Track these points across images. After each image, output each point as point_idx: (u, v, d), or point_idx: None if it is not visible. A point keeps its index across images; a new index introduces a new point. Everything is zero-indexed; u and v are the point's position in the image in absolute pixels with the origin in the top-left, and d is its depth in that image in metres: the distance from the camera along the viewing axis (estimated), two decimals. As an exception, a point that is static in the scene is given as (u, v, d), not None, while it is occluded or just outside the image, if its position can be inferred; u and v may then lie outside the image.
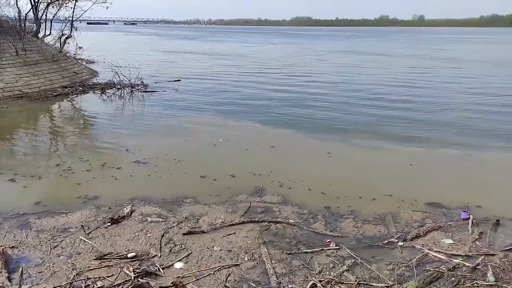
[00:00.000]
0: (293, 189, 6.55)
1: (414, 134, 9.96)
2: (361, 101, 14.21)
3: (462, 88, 16.80)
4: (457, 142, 9.20)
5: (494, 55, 35.41)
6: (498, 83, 18.49)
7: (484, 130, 10.30)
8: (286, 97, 14.93)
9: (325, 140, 9.49)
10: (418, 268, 4.24)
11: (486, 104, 13.66)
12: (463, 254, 4.52)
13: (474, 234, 4.98)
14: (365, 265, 4.35)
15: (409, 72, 22.60)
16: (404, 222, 5.39)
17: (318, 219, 5.50)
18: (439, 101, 14.11)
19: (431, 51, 39.46)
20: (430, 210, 5.76)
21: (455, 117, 11.72)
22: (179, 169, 7.39)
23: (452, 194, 6.29)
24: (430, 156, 8.43)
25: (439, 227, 5.17)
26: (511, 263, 4.27)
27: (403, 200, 6.09)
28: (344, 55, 35.24)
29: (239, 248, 4.70)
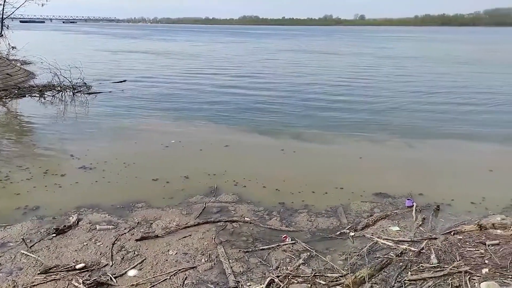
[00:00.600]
0: (248, 187, 6.57)
1: (363, 129, 10.38)
2: (311, 98, 14.55)
3: (405, 85, 17.72)
4: (401, 136, 9.73)
5: (430, 52, 37.88)
6: (436, 79, 19.82)
7: (424, 124, 10.96)
8: (239, 96, 14.95)
9: (278, 138, 9.63)
10: (369, 256, 4.45)
11: (427, 100, 14.51)
12: (409, 240, 4.81)
13: (418, 220, 5.32)
14: (320, 257, 4.48)
15: (356, 70, 23.53)
16: (354, 213, 5.63)
17: (273, 215, 5.56)
18: (384, 97, 14.79)
19: (375, 50, 41.42)
20: (377, 200, 6.06)
21: (399, 113, 12.34)
22: (129, 173, 7.11)
23: (397, 184, 6.65)
24: (377, 150, 8.86)
25: (386, 216, 5.47)
26: (451, 245, 4.61)
27: (353, 192, 6.35)
28: (294, 54, 35.91)
29: (195, 250, 4.62)
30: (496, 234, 4.78)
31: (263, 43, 53.05)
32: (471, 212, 5.60)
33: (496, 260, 4.21)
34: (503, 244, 4.52)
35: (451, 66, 25.21)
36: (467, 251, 4.45)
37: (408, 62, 27.85)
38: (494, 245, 4.51)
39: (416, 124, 10.93)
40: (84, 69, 16.44)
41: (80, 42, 51.82)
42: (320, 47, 45.15)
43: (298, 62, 27.86)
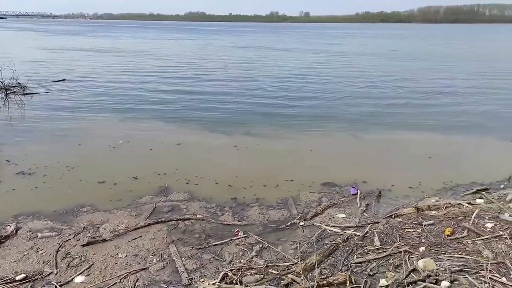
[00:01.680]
0: (200, 185, 6.54)
1: (313, 123, 10.68)
2: (263, 95, 14.64)
3: (352, 80, 18.41)
4: (348, 128, 10.18)
5: (374, 48, 39.86)
6: (380, 75, 20.85)
7: (370, 117, 11.50)
8: (190, 95, 14.66)
9: (231, 135, 9.64)
10: (318, 243, 4.64)
11: (373, 94, 15.26)
12: (354, 225, 5.08)
13: (362, 206, 5.63)
14: (272, 248, 4.59)
15: (305, 66, 24.07)
16: (304, 204, 5.82)
17: (225, 211, 5.60)
18: (332, 92, 15.25)
19: (322, 46, 42.66)
20: (325, 189, 6.32)
21: (347, 107, 12.78)
22: (73, 176, 6.76)
23: (343, 173, 6.97)
24: (327, 142, 9.19)
25: (333, 204, 5.72)
26: (392, 227, 4.94)
27: (302, 183, 6.56)
28: (244, 51, 35.93)
29: (146, 251, 4.53)
30: (431, 215, 5.20)
31: (213, 40, 52.61)
32: (409, 196, 6.04)
33: (432, 238, 4.58)
34: (437, 223, 4.93)
35: (393, 61, 26.67)
36: (406, 232, 4.79)
37: (355, 58, 29.04)
38: (430, 225, 4.90)
39: (362, 117, 11.45)
40: (19, 68, 15.24)
41: (13, 39, 47.99)
42: (270, 44, 45.67)
43: (248, 59, 27.87)
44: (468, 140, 9.17)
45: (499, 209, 5.21)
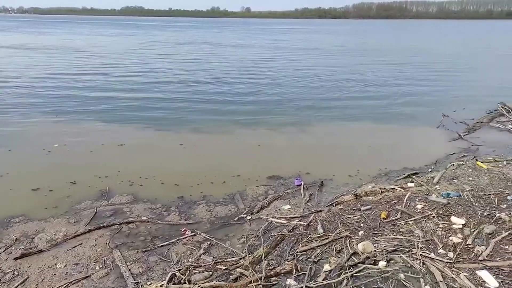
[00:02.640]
0: (145, 186, 6.36)
1: (260, 118, 10.78)
2: (210, 92, 14.41)
3: (297, 75, 18.69)
4: (294, 122, 10.41)
5: (318, 44, 41.02)
6: (325, 70, 21.54)
7: (313, 110, 11.85)
8: (131, 93, 14.08)
9: (177, 133, 9.43)
10: (265, 236, 4.75)
11: (317, 90, 15.78)
12: (299, 215, 5.26)
13: (305, 197, 5.84)
14: (220, 244, 4.61)
15: (250, 61, 24.01)
16: (251, 198, 5.91)
17: (172, 210, 5.51)
18: (279, 87, 15.44)
19: (268, 42, 42.85)
20: (271, 183, 6.46)
21: (294, 102, 12.94)
22: (1, 185, 6.23)
23: (288, 166, 7.16)
24: (274, 136, 9.31)
25: (279, 196, 5.88)
26: (333, 215, 5.18)
27: (249, 178, 6.65)
28: (188, 47, 35.00)
29: (88, 258, 4.32)
30: (368, 201, 5.54)
31: (154, 36, 50.74)
32: (349, 184, 6.37)
33: (369, 222, 4.89)
34: (374, 208, 5.26)
35: (335, 56, 27.68)
36: (347, 218, 5.06)
37: (299, 53, 29.53)
38: (367, 210, 5.22)
39: (307, 111, 11.72)
40: None
41: None
42: (215, 39, 45.14)
43: (193, 55, 27.25)
44: (401, 129, 9.84)
45: (428, 191, 5.69)
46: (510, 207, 5.00)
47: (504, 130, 9.33)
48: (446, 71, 19.78)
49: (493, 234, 4.40)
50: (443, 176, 6.31)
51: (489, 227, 4.51)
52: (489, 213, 4.88)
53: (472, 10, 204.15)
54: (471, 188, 5.69)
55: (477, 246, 4.19)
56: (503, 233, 4.39)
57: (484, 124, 9.75)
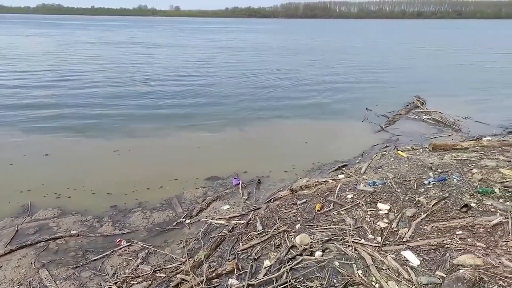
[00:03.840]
0: (74, 197, 5.95)
1: (198, 119, 10.56)
2: (144, 95, 13.69)
3: (234, 75, 18.58)
4: (232, 122, 10.37)
5: (250, 43, 41.35)
6: (262, 69, 21.78)
7: (252, 110, 11.86)
8: (59, 98, 12.89)
9: (110, 139, 8.90)
10: (205, 238, 4.72)
11: (255, 88, 15.90)
12: (238, 214, 5.31)
13: (244, 195, 5.92)
14: (158, 251, 4.49)
15: (188, 62, 23.20)
16: (189, 201, 5.82)
17: (104, 221, 5.23)
18: (217, 87, 15.25)
19: (204, 41, 42.03)
20: (209, 184, 6.43)
21: (231, 100, 12.99)
22: None
23: (226, 166, 7.16)
24: (211, 137, 9.20)
25: (218, 197, 5.87)
26: (271, 211, 5.31)
27: (187, 181, 6.54)
28: (119, 47, 32.58)
29: (10, 282, 3.94)
30: (303, 194, 5.77)
31: (79, 36, 46.98)
32: (285, 179, 6.58)
33: (305, 215, 5.10)
34: (309, 201, 5.50)
35: (271, 56, 28.15)
36: (284, 213, 5.22)
37: (236, 53, 29.34)
38: (303, 203, 5.43)
39: (245, 110, 11.73)
40: None
41: None
42: (146, 39, 43.20)
43: (125, 57, 25.63)
44: (331, 125, 10.37)
45: (356, 181, 6.08)
46: (427, 191, 5.54)
47: (419, 121, 10.30)
48: (370, 68, 21.23)
49: (413, 216, 4.85)
50: (369, 166, 6.80)
51: (410, 211, 4.96)
52: (410, 197, 5.36)
53: (388, 11, 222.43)
54: (394, 175, 6.20)
55: (400, 229, 4.59)
56: (422, 215, 4.85)
57: (402, 116, 10.67)
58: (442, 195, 5.30)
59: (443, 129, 9.51)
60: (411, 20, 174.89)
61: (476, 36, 54.99)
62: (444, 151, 7.39)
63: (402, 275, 3.71)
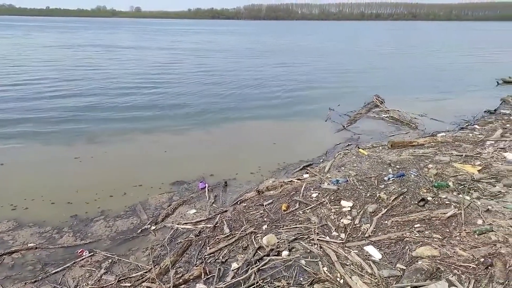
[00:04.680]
0: (31, 208, 5.67)
1: (164, 123, 10.33)
2: (107, 99, 13.15)
3: (200, 76, 18.25)
4: (199, 124, 10.30)
5: (215, 45, 40.89)
6: (228, 71, 21.65)
7: (219, 112, 11.73)
8: (13, 103, 12.14)
9: (71, 146, 8.51)
10: (171, 244, 4.65)
11: (222, 90, 15.75)
12: (205, 218, 5.28)
13: (210, 199, 5.89)
14: (123, 260, 4.37)
15: (153, 64, 22.51)
16: (154, 207, 5.71)
17: (65, 232, 5.02)
18: (183, 89, 14.97)
19: (168, 43, 40.87)
20: (175, 189, 6.34)
21: (198, 102, 12.77)
22: None
23: (192, 169, 7.08)
24: (178, 140, 9.05)
25: (184, 202, 5.81)
26: (238, 213, 5.33)
27: (152, 186, 6.41)
28: (79, 50, 30.66)
29: (-40, 303, 3.69)
30: (270, 195, 5.83)
31: (35, 38, 44.19)
32: (251, 181, 6.61)
33: (272, 216, 5.15)
34: (275, 201, 5.56)
35: (238, 57, 28.08)
36: (251, 214, 5.25)
37: (200, 55, 28.86)
38: (269, 204, 5.49)
39: (212, 112, 11.62)
40: None
41: None
42: (108, 41, 41.52)
43: (83, 59, 24.25)
44: (295, 125, 10.53)
45: (320, 180, 6.23)
46: (387, 187, 5.77)
47: (379, 119, 10.70)
48: (333, 69, 21.77)
49: (375, 212, 5.04)
50: (333, 164, 6.98)
51: (371, 206, 5.15)
52: (371, 194, 5.56)
53: (348, 12, 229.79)
54: (356, 173, 6.41)
55: (363, 224, 4.75)
56: (383, 210, 5.05)
57: (363, 115, 11.04)
58: (401, 191, 5.54)
59: (400, 127, 9.94)
60: (369, 21, 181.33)
61: (431, 37, 57.90)
62: (402, 148, 7.72)
63: (365, 269, 3.85)
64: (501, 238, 4.25)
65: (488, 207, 4.97)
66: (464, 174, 6.08)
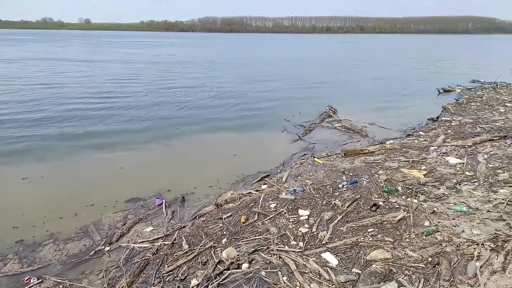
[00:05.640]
0: (-31, 236, 5.21)
1: (118, 139, 9.88)
2: (57, 114, 12.33)
3: (157, 88, 17.75)
4: (156, 139, 9.96)
5: (171, 57, 40.33)
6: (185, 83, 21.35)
7: (178, 125, 11.51)
8: None
9: (18, 166, 7.94)
10: (127, 265, 4.48)
11: (179, 102, 15.51)
12: (162, 235, 5.15)
13: (168, 215, 5.76)
14: (75, 285, 4.14)
15: (107, 78, 21.55)
16: (107, 227, 5.48)
17: (9, 259, 4.67)
18: (137, 102, 14.50)
19: (123, 55, 39.61)
20: (130, 206, 6.13)
21: (155, 116, 12.41)
22: None
23: (149, 186, 6.89)
24: (133, 156, 8.74)
25: (140, 219, 5.63)
26: (197, 228, 5.26)
27: (105, 205, 6.15)
28: (25, 64, 29.00)
29: None
30: (229, 208, 5.82)
31: None
32: (210, 194, 6.56)
33: (231, 228, 5.14)
34: (234, 214, 5.56)
35: (194, 70, 27.81)
36: (210, 228, 5.21)
37: (157, 67, 28.10)
38: (228, 217, 5.48)
39: (171, 126, 11.36)
40: None
41: None
42: (61, 54, 39.30)
43: (31, 73, 22.70)
44: (253, 136, 10.62)
45: (278, 190, 6.33)
46: (341, 194, 5.98)
47: (332, 128, 11.10)
48: (288, 80, 22.29)
49: (331, 219, 5.20)
50: (290, 174, 7.12)
51: (327, 214, 5.31)
52: (327, 201, 5.74)
53: (300, 26, 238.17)
54: (312, 182, 6.58)
55: (320, 232, 4.88)
56: (338, 216, 5.22)
57: (317, 125, 11.40)
58: (354, 197, 5.77)
59: (352, 135, 10.36)
60: (321, 34, 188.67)
61: (379, 48, 61.23)
62: (354, 156, 8.06)
63: (323, 276, 3.95)
64: (446, 238, 4.56)
65: (433, 209, 5.31)
66: (411, 178, 6.46)
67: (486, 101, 14.45)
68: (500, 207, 5.27)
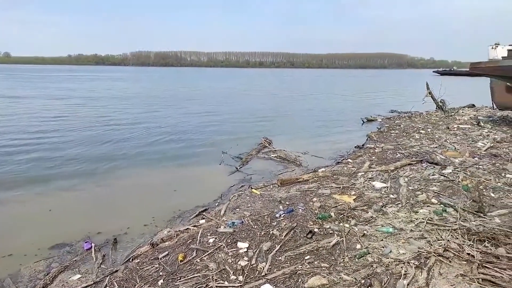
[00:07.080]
0: None
1: (46, 180, 9.07)
2: None
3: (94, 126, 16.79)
4: (88, 178, 9.31)
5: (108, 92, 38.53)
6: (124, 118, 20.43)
7: (112, 162, 10.84)
8: None
9: None
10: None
11: (114, 138, 14.74)
12: (92, 283, 4.75)
13: (98, 259, 5.35)
14: None
15: (41, 115, 19.81)
16: (27, 278, 4.93)
17: None
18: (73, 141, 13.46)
19: (53, 90, 36.83)
20: (54, 253, 5.60)
21: (87, 154, 11.62)
22: None
23: (76, 229, 6.36)
24: (67, 198, 8.05)
25: (65, 267, 5.15)
26: (131, 271, 4.95)
27: (25, 254, 5.56)
28: None
29: None
30: (165, 246, 5.59)
31: None
32: (145, 234, 6.25)
33: (168, 268, 4.92)
34: (171, 252, 5.35)
35: (132, 105, 26.86)
36: (145, 270, 4.93)
37: (92, 102, 26.66)
38: (165, 256, 5.25)
39: (103, 164, 10.65)
40: None
41: None
42: None
43: None
44: (190, 170, 10.46)
45: (217, 224, 6.25)
46: (278, 223, 6.08)
47: (268, 159, 11.38)
48: (224, 113, 22.60)
49: (269, 249, 5.23)
50: (228, 207, 7.09)
51: (266, 244, 5.34)
52: (265, 232, 5.79)
53: (234, 60, 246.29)
54: (250, 213, 6.62)
55: (259, 264, 4.88)
56: (277, 246, 5.28)
57: (253, 156, 11.61)
58: (291, 225, 5.90)
59: (287, 165, 10.71)
60: (254, 68, 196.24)
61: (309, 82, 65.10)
62: (290, 185, 8.31)
63: (264, 309, 3.92)
64: (376, 259, 4.83)
65: (364, 232, 5.62)
66: (343, 204, 6.81)
67: (403, 128, 15.95)
68: (421, 226, 5.76)
